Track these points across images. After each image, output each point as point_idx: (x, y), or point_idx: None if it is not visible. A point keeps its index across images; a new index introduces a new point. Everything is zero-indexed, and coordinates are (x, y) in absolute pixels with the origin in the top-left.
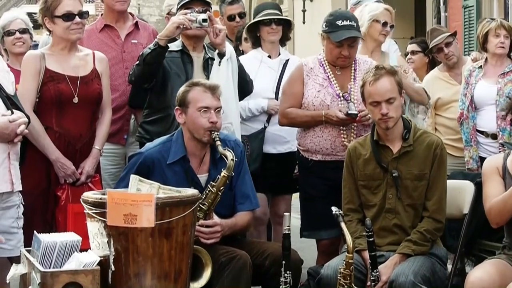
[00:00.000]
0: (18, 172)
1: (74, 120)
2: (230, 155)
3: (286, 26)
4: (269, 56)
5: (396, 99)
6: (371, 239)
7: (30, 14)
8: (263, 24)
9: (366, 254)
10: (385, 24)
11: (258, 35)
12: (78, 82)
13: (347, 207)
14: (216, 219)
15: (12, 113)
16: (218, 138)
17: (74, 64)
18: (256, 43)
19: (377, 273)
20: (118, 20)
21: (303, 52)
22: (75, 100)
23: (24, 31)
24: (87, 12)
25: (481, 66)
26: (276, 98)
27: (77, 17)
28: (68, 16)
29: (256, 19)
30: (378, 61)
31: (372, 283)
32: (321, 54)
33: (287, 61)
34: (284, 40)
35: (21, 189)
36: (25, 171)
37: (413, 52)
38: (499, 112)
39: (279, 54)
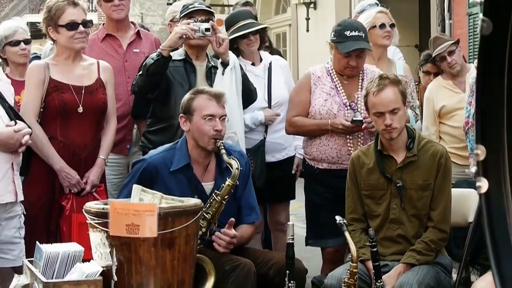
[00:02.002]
0: (20, 182)
1: (79, 129)
2: (235, 163)
3: (262, 29)
4: (253, 64)
5: (400, 109)
6: (374, 249)
7: (34, 24)
8: (240, 38)
9: (370, 264)
10: (382, 26)
11: (235, 46)
12: (83, 91)
13: (350, 216)
14: (234, 231)
15: (16, 123)
16: (223, 147)
17: (78, 74)
18: (235, 54)
19: (381, 283)
20: (119, 29)
21: (307, 60)
22: (80, 109)
23: (27, 41)
24: (91, 21)
25: None
26: (269, 105)
27: (81, 26)
28: (72, 25)
29: (233, 36)
30: (385, 69)
31: None
32: (329, 62)
33: (270, 64)
34: (262, 44)
35: (23, 199)
36: (29, 182)
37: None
38: None
39: (261, 60)
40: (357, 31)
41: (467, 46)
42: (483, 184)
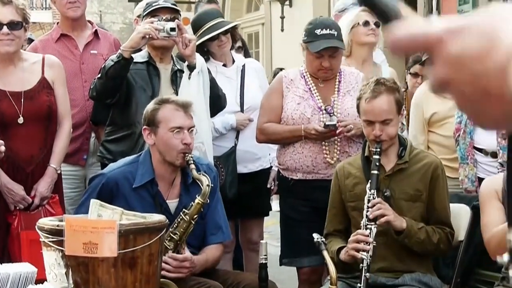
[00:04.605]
0: None
1: (22, 141)
2: (205, 180)
3: (232, 28)
4: (224, 65)
5: (393, 120)
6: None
7: None
8: (210, 40)
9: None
10: (366, 23)
11: (205, 49)
12: (22, 98)
13: (326, 232)
14: (187, 253)
15: None
16: (192, 161)
17: (17, 78)
18: (205, 56)
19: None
20: (75, 29)
21: (282, 62)
22: (20, 120)
23: None
24: (20, 23)
25: None
26: (242, 109)
27: (4, 27)
28: None
29: (202, 39)
30: (370, 74)
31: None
32: (303, 65)
33: (243, 66)
34: (234, 43)
35: None
36: None
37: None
38: None
39: (233, 61)
40: (328, 29)
41: None
42: None
